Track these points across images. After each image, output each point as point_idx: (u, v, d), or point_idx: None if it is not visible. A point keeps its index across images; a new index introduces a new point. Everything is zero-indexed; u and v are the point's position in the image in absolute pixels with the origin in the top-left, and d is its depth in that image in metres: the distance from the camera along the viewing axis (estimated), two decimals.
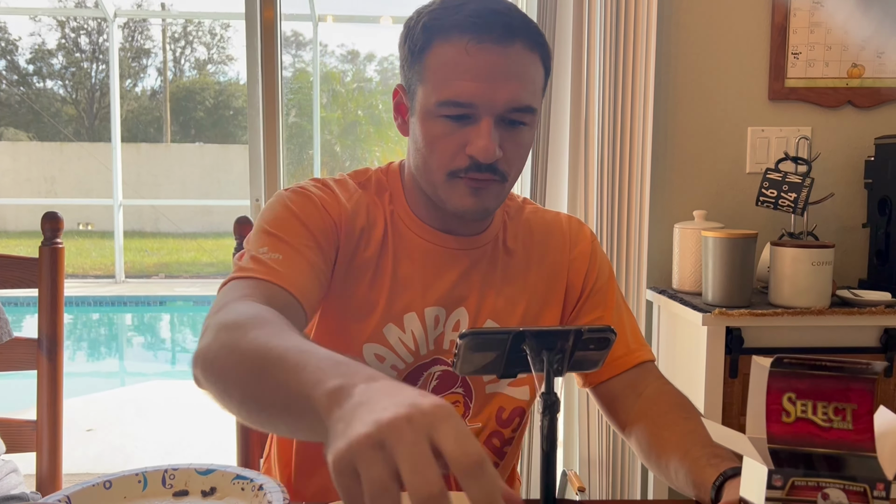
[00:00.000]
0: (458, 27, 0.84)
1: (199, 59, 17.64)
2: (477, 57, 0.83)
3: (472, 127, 0.85)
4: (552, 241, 1.03)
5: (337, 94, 12.60)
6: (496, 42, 0.83)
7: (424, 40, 0.86)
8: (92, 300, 8.78)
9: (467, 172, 0.86)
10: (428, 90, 0.86)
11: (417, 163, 0.91)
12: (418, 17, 0.89)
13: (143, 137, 16.06)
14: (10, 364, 1.20)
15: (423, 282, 0.95)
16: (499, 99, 0.84)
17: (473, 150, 0.85)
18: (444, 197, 0.89)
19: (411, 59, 0.89)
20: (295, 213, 0.90)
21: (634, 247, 2.08)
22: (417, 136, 0.89)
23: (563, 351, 0.72)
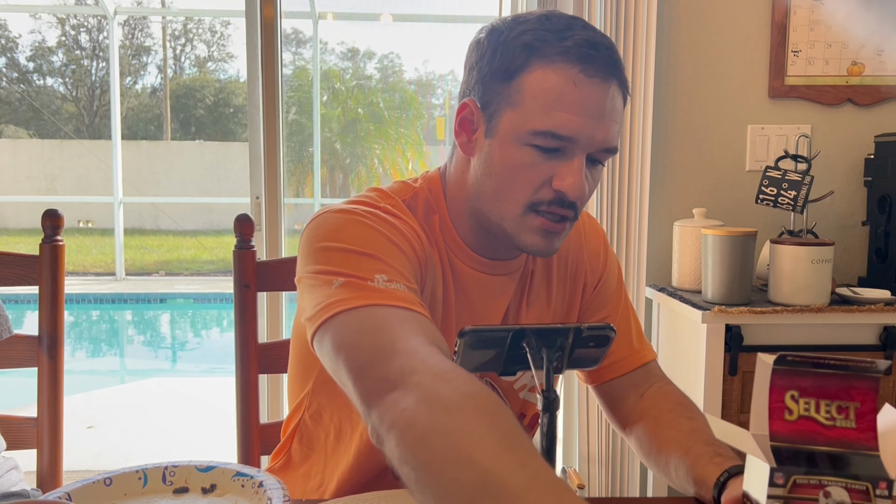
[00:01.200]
0: (567, 54, 0.77)
1: (200, 56, 17.64)
2: (584, 91, 0.77)
3: (561, 162, 0.80)
4: (570, 243, 1.01)
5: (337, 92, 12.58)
6: (603, 79, 0.78)
7: (522, 60, 0.79)
8: (92, 297, 8.78)
9: (549, 206, 0.81)
10: (520, 115, 0.79)
11: (486, 189, 0.84)
12: (511, 32, 0.81)
13: (144, 135, 16.06)
14: (10, 361, 1.20)
15: (475, 313, 0.91)
16: (597, 137, 0.79)
17: (564, 185, 0.79)
18: (513, 231, 0.83)
19: (500, 76, 0.81)
20: (392, 240, 0.79)
21: (634, 244, 2.09)
22: (494, 160, 0.82)
23: (563, 348, 0.72)
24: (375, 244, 0.77)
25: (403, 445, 0.58)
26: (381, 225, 0.80)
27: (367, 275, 0.73)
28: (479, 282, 0.91)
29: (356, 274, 0.74)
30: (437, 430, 0.56)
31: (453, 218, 0.90)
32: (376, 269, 0.74)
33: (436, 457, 0.55)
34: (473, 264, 0.90)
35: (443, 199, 0.91)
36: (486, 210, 0.85)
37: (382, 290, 0.72)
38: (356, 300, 0.71)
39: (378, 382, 0.62)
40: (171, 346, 7.64)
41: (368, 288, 0.72)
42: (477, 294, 0.90)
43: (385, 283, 0.73)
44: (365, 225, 0.79)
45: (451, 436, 0.56)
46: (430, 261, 0.86)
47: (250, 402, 1.20)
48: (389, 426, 0.60)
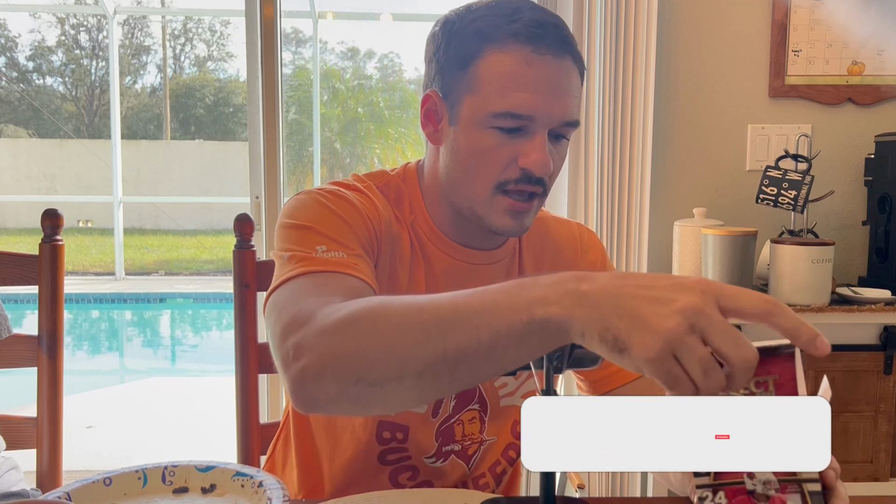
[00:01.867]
0: (516, 36, 0.80)
1: (199, 56, 17.65)
2: (537, 69, 0.80)
3: (524, 140, 0.82)
4: (564, 251, 1.01)
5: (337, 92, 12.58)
6: (554, 56, 0.81)
7: (476, 47, 0.82)
8: (92, 297, 8.78)
9: (517, 184, 0.83)
10: (479, 100, 0.82)
11: (455, 174, 0.87)
12: (463, 21, 0.84)
13: (143, 134, 16.07)
14: (10, 361, 1.20)
15: None
16: (555, 113, 0.81)
17: (529, 162, 0.82)
18: (484, 213, 0.86)
19: (456, 65, 0.83)
20: (339, 215, 0.83)
21: (634, 244, 2.09)
22: (460, 146, 0.85)
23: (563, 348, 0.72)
24: (321, 218, 0.82)
25: (340, 371, 0.60)
26: (332, 202, 0.84)
27: (309, 248, 0.78)
28: (449, 266, 0.92)
29: (299, 248, 0.79)
30: (366, 332, 0.60)
31: (429, 206, 0.92)
32: (316, 241, 0.79)
33: (381, 343, 0.59)
34: (443, 247, 0.92)
35: (417, 188, 0.93)
36: (458, 195, 0.88)
37: (318, 259, 0.77)
38: (291, 272, 0.75)
39: (286, 353, 0.64)
40: (170, 345, 7.64)
41: (307, 258, 0.77)
42: (444, 277, 0.92)
43: (323, 252, 0.78)
44: (316, 202, 0.84)
45: (383, 322, 0.60)
46: (396, 239, 0.89)
47: (250, 401, 1.20)
48: (310, 378, 0.61)
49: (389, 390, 0.59)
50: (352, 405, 0.62)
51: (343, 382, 0.60)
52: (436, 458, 0.95)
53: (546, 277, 0.56)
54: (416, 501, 0.82)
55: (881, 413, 1.83)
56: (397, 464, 0.94)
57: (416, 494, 0.84)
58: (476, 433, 0.96)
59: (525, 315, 0.55)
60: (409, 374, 0.58)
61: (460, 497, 0.83)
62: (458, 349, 0.57)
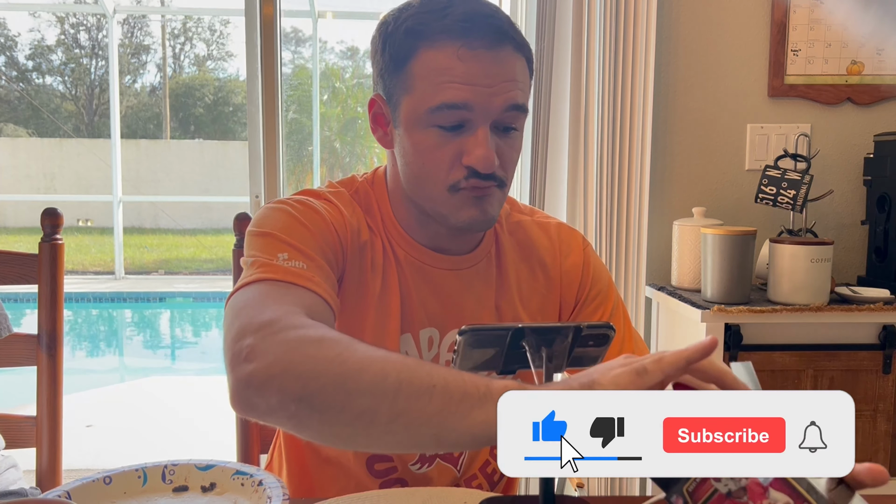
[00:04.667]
0: (446, 32, 0.79)
1: (199, 55, 17.62)
2: (470, 63, 0.79)
3: (467, 136, 0.81)
4: (543, 254, 0.98)
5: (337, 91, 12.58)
6: (488, 47, 0.79)
7: (409, 47, 0.81)
8: (91, 296, 8.78)
9: (467, 182, 0.82)
10: (416, 99, 0.81)
11: (409, 177, 0.86)
12: (396, 21, 0.83)
13: (143, 134, 16.04)
14: (9, 360, 1.20)
15: (418, 302, 0.90)
16: (494, 103, 0.80)
17: (472, 159, 0.80)
18: (447, 212, 0.84)
19: (393, 67, 0.83)
20: (304, 223, 0.83)
21: (634, 243, 2.08)
22: (406, 148, 0.84)
23: (563, 347, 0.72)
24: (285, 227, 0.82)
25: (287, 385, 0.60)
26: (297, 209, 0.84)
27: (271, 255, 0.78)
28: (418, 269, 0.91)
29: (262, 255, 0.78)
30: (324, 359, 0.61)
31: (396, 211, 0.92)
32: (279, 249, 0.79)
33: (327, 379, 0.60)
34: (411, 251, 0.91)
35: (385, 192, 0.93)
36: (419, 199, 0.87)
37: (279, 267, 0.76)
38: (251, 276, 0.75)
39: (237, 351, 0.64)
40: (170, 344, 7.64)
41: (268, 265, 0.76)
42: (414, 280, 0.90)
43: (284, 261, 0.77)
44: (282, 211, 0.84)
45: (343, 359, 0.61)
46: (366, 247, 0.88)
47: None
48: (264, 378, 0.61)
49: (326, 419, 0.60)
50: (287, 422, 0.62)
51: (286, 397, 0.60)
52: (420, 463, 0.94)
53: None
54: (415, 500, 0.82)
55: (880, 412, 1.83)
56: (386, 476, 0.94)
57: (415, 493, 0.84)
58: None
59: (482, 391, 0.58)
60: (350, 410, 0.59)
61: (460, 496, 0.83)
62: (406, 405, 0.58)
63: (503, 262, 0.96)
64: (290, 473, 0.99)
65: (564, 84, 2.08)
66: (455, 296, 0.92)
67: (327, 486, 0.95)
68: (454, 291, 0.92)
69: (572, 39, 2.05)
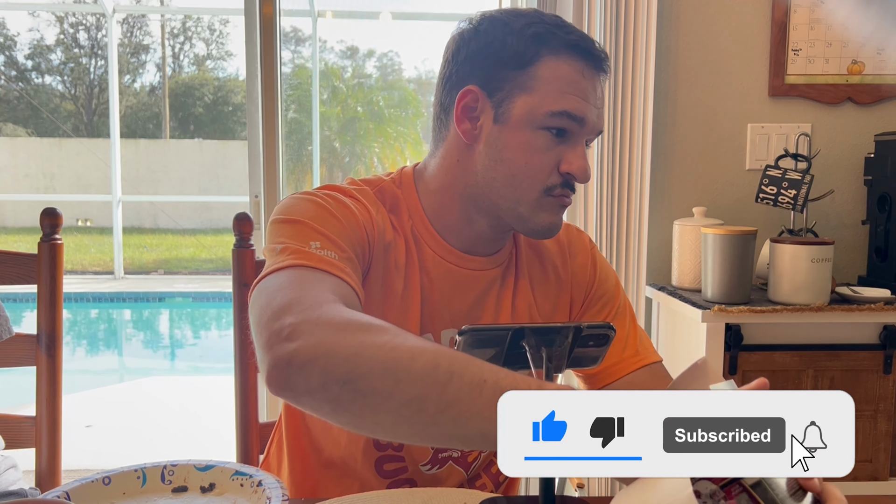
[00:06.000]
0: (571, 48, 0.85)
1: (198, 54, 17.62)
2: (590, 82, 0.86)
3: (567, 147, 0.86)
4: (553, 256, 1.00)
5: (336, 91, 12.58)
6: (597, 72, 0.87)
7: (535, 50, 0.84)
8: (91, 296, 8.78)
9: (562, 189, 0.88)
10: (537, 99, 0.84)
11: (498, 174, 0.87)
12: (517, 23, 0.86)
13: (142, 133, 16.04)
14: (9, 360, 1.20)
15: (441, 303, 0.91)
16: (597, 124, 0.87)
17: (573, 168, 0.86)
18: (529, 213, 0.87)
19: (512, 64, 0.85)
20: (335, 214, 0.83)
21: (634, 243, 2.08)
22: (507, 145, 0.86)
23: (563, 347, 0.72)
24: (317, 216, 0.82)
25: (331, 367, 0.59)
26: (328, 202, 0.84)
27: (303, 243, 0.77)
28: (446, 271, 0.92)
29: (293, 242, 0.78)
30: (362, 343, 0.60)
31: (430, 209, 0.92)
32: (312, 237, 0.78)
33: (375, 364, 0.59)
34: (440, 251, 0.92)
35: (414, 192, 0.93)
36: (497, 195, 0.88)
37: (312, 255, 0.76)
38: (283, 262, 0.75)
39: (278, 330, 0.63)
40: (169, 344, 7.64)
41: (301, 252, 0.76)
42: (440, 281, 0.91)
43: (317, 249, 0.77)
44: (312, 201, 0.84)
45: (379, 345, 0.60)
46: (390, 247, 0.88)
47: (249, 400, 1.20)
48: (308, 358, 0.60)
49: (370, 404, 0.59)
50: (325, 405, 0.60)
51: (330, 379, 0.59)
52: (431, 464, 0.94)
53: None
54: (415, 500, 0.82)
55: (881, 412, 1.83)
56: (395, 477, 0.94)
57: (415, 494, 0.84)
58: None
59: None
60: (398, 397, 0.58)
61: (460, 496, 0.83)
62: (456, 397, 0.57)
63: (520, 263, 0.98)
64: (291, 473, 0.99)
65: None
66: (479, 297, 0.94)
67: (330, 487, 0.95)
68: (479, 292, 0.94)
69: None
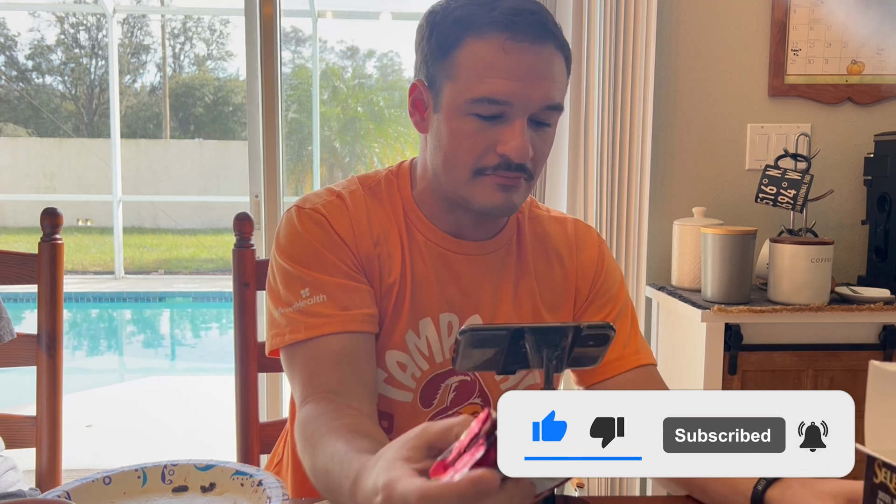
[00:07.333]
0: (494, 24, 0.82)
1: (199, 55, 17.62)
2: (514, 56, 0.82)
3: (504, 126, 0.84)
4: (559, 247, 1.01)
5: (337, 91, 12.58)
6: (532, 42, 0.82)
7: (455, 36, 0.84)
8: (91, 296, 8.78)
9: (496, 171, 0.85)
10: (459, 87, 0.84)
11: (438, 161, 0.88)
12: (445, 10, 0.86)
13: (143, 133, 16.05)
14: (9, 360, 1.20)
15: (437, 287, 0.93)
16: (534, 98, 0.83)
17: (507, 149, 0.83)
18: (469, 195, 0.87)
19: (438, 53, 0.86)
20: (313, 245, 0.89)
21: (634, 243, 2.09)
22: (442, 133, 0.87)
23: (563, 347, 0.72)
24: (303, 255, 0.89)
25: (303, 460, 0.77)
26: (315, 235, 0.90)
27: (294, 294, 0.87)
28: (439, 255, 0.93)
29: (285, 293, 0.88)
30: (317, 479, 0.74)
31: (420, 197, 0.95)
32: (300, 285, 0.87)
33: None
34: (433, 237, 0.94)
35: (408, 182, 0.96)
36: (444, 182, 0.90)
37: (300, 319, 0.86)
38: (280, 337, 0.87)
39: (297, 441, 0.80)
40: (170, 344, 7.64)
41: (291, 319, 0.86)
42: (434, 265, 0.93)
43: (307, 297, 0.86)
44: (300, 238, 0.90)
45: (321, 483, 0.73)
46: (379, 240, 0.92)
47: (250, 400, 1.20)
48: (301, 451, 0.78)
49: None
50: None
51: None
52: None
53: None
54: None
55: None
56: None
57: None
58: None
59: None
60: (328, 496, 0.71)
61: None
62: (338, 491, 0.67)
63: (524, 251, 0.99)
64: (294, 473, 1.00)
65: None
66: (474, 282, 0.95)
67: None
68: (473, 278, 0.95)
69: (572, 39, 2.05)
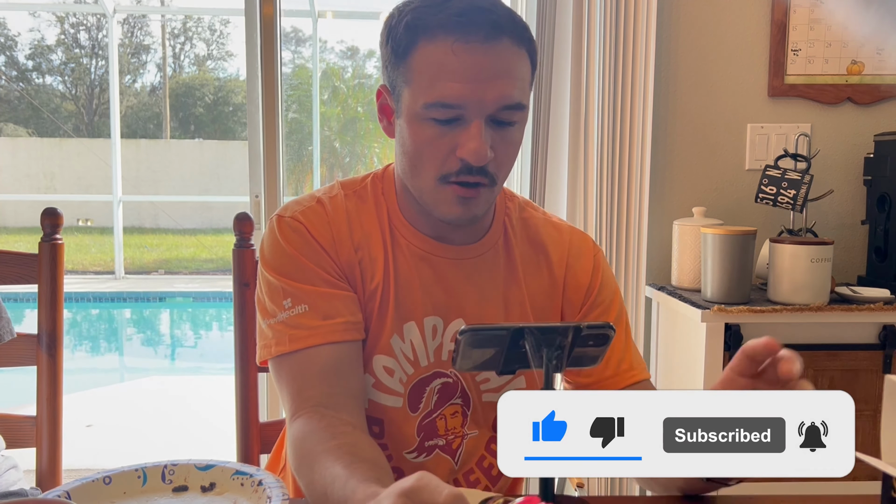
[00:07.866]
0: (442, 26, 0.80)
1: (199, 55, 17.62)
2: (464, 57, 0.80)
3: (461, 129, 0.82)
4: (550, 251, 0.99)
5: (337, 91, 12.58)
6: (483, 41, 0.80)
7: (408, 40, 0.83)
8: (91, 296, 8.77)
9: (458, 176, 0.83)
10: (414, 92, 0.83)
11: (405, 166, 0.88)
12: (399, 15, 0.85)
13: (143, 133, 16.05)
14: (9, 360, 1.20)
15: (421, 290, 0.92)
16: (488, 99, 0.81)
17: (464, 152, 0.81)
18: (431, 203, 0.87)
19: (395, 59, 0.85)
20: (293, 254, 0.89)
21: (634, 243, 2.08)
22: (405, 138, 0.86)
23: (562, 347, 0.72)
24: (287, 266, 0.89)
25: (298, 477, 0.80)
26: (293, 242, 0.90)
27: (277, 305, 0.88)
28: (421, 258, 0.93)
29: (269, 303, 0.89)
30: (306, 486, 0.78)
31: (401, 201, 0.94)
32: (282, 296, 0.88)
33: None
34: (415, 240, 0.93)
35: (392, 185, 0.95)
36: (411, 188, 0.89)
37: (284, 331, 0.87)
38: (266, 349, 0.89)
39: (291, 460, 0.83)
40: (170, 344, 7.64)
41: (277, 331, 0.88)
42: (417, 269, 0.93)
43: (289, 308, 0.87)
44: (280, 248, 0.90)
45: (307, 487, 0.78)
46: (361, 245, 0.92)
47: (250, 400, 1.20)
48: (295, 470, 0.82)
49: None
50: None
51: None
52: (417, 452, 0.95)
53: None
54: None
55: (880, 413, 1.83)
56: None
57: None
58: (458, 427, 0.96)
59: None
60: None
61: None
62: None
63: (512, 254, 0.97)
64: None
65: (564, 84, 2.08)
66: (458, 286, 0.94)
67: None
68: (457, 281, 0.94)
69: (572, 39, 2.05)
